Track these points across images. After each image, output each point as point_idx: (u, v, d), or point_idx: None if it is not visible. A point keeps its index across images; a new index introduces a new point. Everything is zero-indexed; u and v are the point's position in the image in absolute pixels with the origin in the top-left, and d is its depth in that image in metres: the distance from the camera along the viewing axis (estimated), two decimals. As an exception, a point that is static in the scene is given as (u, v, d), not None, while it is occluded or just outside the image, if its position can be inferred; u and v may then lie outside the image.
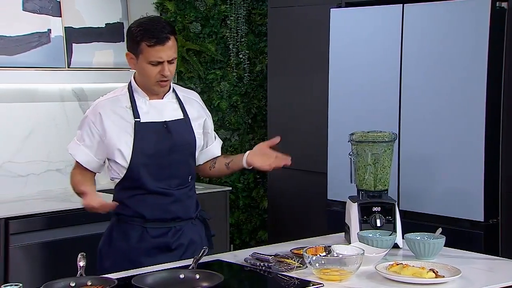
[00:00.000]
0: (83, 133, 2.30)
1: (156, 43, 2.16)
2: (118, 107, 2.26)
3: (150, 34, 2.16)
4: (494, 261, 2.27)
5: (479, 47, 2.67)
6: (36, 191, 3.57)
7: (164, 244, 2.24)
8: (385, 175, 2.38)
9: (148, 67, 2.19)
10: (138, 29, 2.19)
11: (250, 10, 3.85)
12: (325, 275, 1.94)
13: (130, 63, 2.25)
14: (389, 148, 2.38)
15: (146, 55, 2.18)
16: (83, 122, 2.31)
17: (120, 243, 2.25)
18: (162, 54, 2.17)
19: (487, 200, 2.69)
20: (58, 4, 3.62)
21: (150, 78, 2.21)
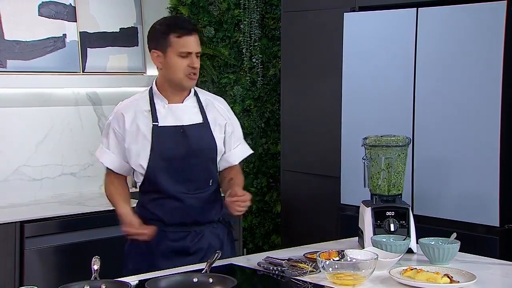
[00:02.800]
0: (109, 139, 2.32)
1: (183, 33, 2.22)
2: (138, 111, 2.29)
3: (177, 25, 2.24)
4: (509, 267, 2.25)
5: (494, 51, 2.66)
6: (50, 194, 3.60)
7: (182, 247, 2.26)
8: (399, 180, 2.37)
9: (177, 60, 2.23)
10: (164, 24, 2.27)
11: (263, 15, 3.85)
12: (338, 279, 1.94)
13: (157, 61, 2.27)
14: (402, 153, 2.37)
15: (175, 47, 2.22)
16: (107, 128, 2.34)
17: (141, 245, 2.27)
18: (190, 44, 2.24)
19: (502, 205, 2.67)
20: (73, 9, 3.65)
21: (180, 71, 2.24)
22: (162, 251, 2.24)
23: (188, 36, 2.23)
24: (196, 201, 2.26)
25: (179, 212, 2.25)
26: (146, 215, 2.29)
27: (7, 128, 3.48)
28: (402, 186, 2.38)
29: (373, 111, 3.07)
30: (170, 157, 2.24)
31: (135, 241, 2.27)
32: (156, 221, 2.26)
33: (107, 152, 2.32)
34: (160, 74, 2.29)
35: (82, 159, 3.74)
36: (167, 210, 2.26)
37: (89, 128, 3.77)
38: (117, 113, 2.32)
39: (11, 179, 3.49)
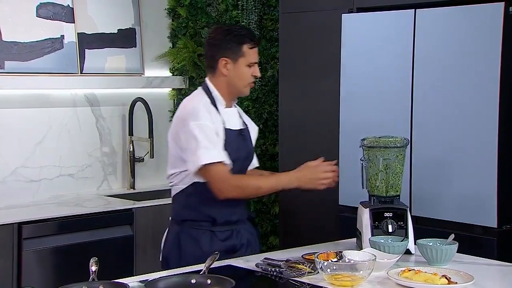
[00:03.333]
0: (211, 138, 2.26)
1: (255, 44, 2.38)
2: (213, 111, 2.34)
3: (250, 37, 2.37)
4: (507, 268, 2.25)
5: (492, 52, 2.66)
6: (48, 196, 3.59)
7: (231, 246, 2.34)
8: (396, 181, 2.37)
9: (246, 69, 2.35)
10: (237, 33, 2.35)
11: (261, 16, 3.85)
12: (336, 280, 1.94)
13: (224, 68, 2.36)
14: (401, 154, 2.36)
15: (247, 57, 2.35)
16: (203, 130, 2.26)
17: (190, 249, 2.30)
18: (257, 55, 2.39)
19: (500, 206, 2.67)
20: (71, 10, 3.65)
21: (246, 80, 2.37)
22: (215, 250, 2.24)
23: (257, 48, 2.39)
24: (240, 200, 2.37)
25: (228, 210, 2.34)
26: (193, 217, 2.33)
27: (5, 129, 3.48)
28: (400, 187, 2.38)
29: (371, 112, 3.07)
30: (234, 158, 2.32)
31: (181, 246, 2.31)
32: (204, 222, 2.32)
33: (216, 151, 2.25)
34: (221, 80, 2.37)
35: (80, 160, 3.73)
36: (218, 209, 2.32)
37: (87, 130, 3.77)
38: (203, 113, 2.28)
39: (9, 180, 3.48)
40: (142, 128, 3.90)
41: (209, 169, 2.24)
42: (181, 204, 2.37)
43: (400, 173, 2.37)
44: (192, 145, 2.25)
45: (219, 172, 2.24)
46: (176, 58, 4.02)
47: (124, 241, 3.37)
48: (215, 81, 2.38)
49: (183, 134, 2.28)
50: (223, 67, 2.35)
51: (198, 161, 2.24)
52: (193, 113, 2.28)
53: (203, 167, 2.24)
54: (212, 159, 2.24)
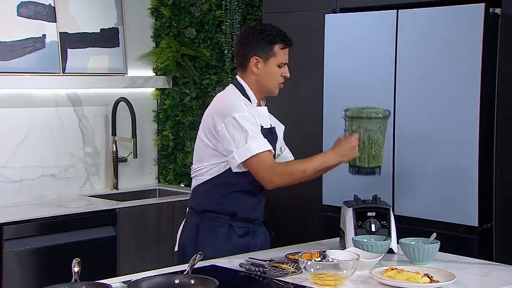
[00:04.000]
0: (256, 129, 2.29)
1: (286, 45, 2.40)
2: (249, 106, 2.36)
3: (282, 37, 2.39)
4: (488, 266, 2.28)
5: (473, 52, 2.69)
6: (30, 196, 3.56)
7: (247, 243, 2.37)
8: (379, 152, 2.33)
9: (276, 69, 2.39)
10: (269, 33, 2.37)
11: (245, 16, 3.86)
12: (320, 280, 1.95)
13: (255, 66, 2.38)
14: (383, 125, 2.34)
15: (278, 58, 2.38)
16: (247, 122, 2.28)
17: (208, 239, 2.33)
18: (287, 56, 2.41)
19: (481, 206, 2.70)
20: (52, 9, 3.62)
21: (275, 80, 2.40)
22: (231, 246, 2.32)
23: (288, 48, 2.41)
24: (261, 199, 2.42)
25: (249, 207, 2.38)
26: (214, 208, 2.35)
27: (-14, 129, 3.44)
28: (381, 158, 2.35)
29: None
30: None
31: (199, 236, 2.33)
32: (224, 215, 2.35)
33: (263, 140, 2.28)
34: (251, 78, 2.40)
35: (62, 160, 3.71)
36: (240, 204, 2.36)
37: (70, 129, 3.74)
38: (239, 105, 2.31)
39: (-10, 181, 3.45)
40: (125, 128, 3.88)
41: (259, 158, 2.26)
42: (203, 194, 2.39)
43: (382, 144, 2.34)
44: (238, 136, 2.26)
45: (267, 161, 2.27)
46: (160, 58, 4.01)
47: (107, 241, 3.35)
48: (246, 79, 2.40)
49: (224, 127, 2.28)
50: (254, 65, 2.38)
51: (249, 152, 2.26)
52: (235, 105, 2.31)
53: (253, 157, 2.26)
54: (262, 148, 2.27)
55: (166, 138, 4.11)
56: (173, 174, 4.07)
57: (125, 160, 3.92)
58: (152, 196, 3.95)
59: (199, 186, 2.40)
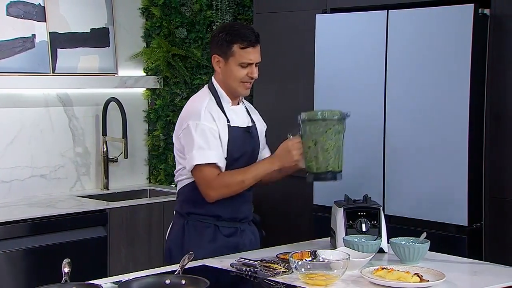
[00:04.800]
0: (208, 139, 2.27)
1: (248, 45, 2.30)
2: (216, 110, 2.33)
3: (243, 36, 2.29)
4: (478, 265, 2.29)
5: (462, 53, 2.70)
6: (20, 197, 3.55)
7: (234, 243, 2.35)
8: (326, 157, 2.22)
9: (237, 69, 2.31)
10: (229, 32, 2.30)
11: (236, 16, 3.86)
12: (311, 280, 1.95)
13: (216, 65, 2.35)
14: (329, 128, 2.22)
15: (237, 57, 2.30)
16: (201, 130, 2.27)
17: (194, 241, 2.32)
18: (252, 56, 2.30)
19: (471, 205, 2.72)
20: (42, 9, 3.61)
21: (237, 79, 2.32)
22: (216, 246, 2.31)
23: (252, 48, 2.30)
24: (247, 198, 2.40)
25: (233, 208, 2.36)
26: (198, 210, 2.34)
27: (-25, 129, 3.42)
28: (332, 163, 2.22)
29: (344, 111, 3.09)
30: (238, 156, 2.33)
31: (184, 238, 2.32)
32: (209, 216, 2.34)
33: (213, 152, 2.27)
34: (218, 77, 2.37)
35: (53, 160, 3.69)
36: (223, 206, 2.33)
37: (60, 130, 3.72)
38: (204, 113, 2.29)
39: (-21, 182, 3.43)
40: (115, 128, 3.87)
41: (200, 170, 2.27)
42: (186, 198, 2.38)
43: (331, 148, 2.21)
44: (189, 144, 2.29)
45: (207, 175, 2.27)
46: (150, 58, 4.00)
47: (97, 242, 3.34)
48: (217, 78, 2.39)
49: (182, 133, 2.33)
50: (216, 64, 2.36)
51: (191, 161, 2.28)
52: (193, 112, 2.31)
53: (195, 167, 2.27)
54: (205, 160, 2.26)
55: (157, 138, 4.10)
56: (164, 174, 4.07)
57: (116, 160, 3.91)
58: (143, 196, 3.94)
59: (182, 189, 2.40)
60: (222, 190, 2.28)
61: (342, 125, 2.26)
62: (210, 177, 2.27)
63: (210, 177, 2.27)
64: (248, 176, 2.28)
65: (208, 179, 2.27)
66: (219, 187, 2.27)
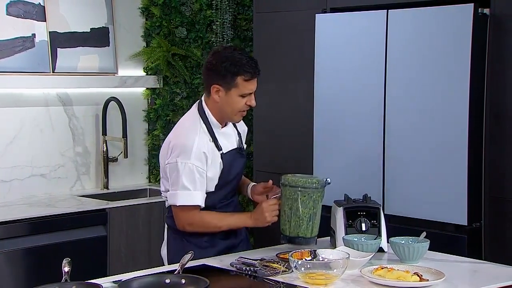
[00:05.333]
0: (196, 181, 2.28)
1: (252, 76, 2.30)
2: (206, 143, 2.32)
3: (247, 68, 2.28)
4: (477, 265, 2.29)
5: (462, 52, 2.71)
6: (19, 196, 3.55)
7: (232, 244, 2.39)
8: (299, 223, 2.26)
9: (238, 99, 2.31)
10: (234, 63, 2.27)
11: (235, 15, 3.86)
12: (310, 279, 1.95)
13: (216, 94, 2.32)
14: (304, 196, 2.24)
15: (240, 89, 2.29)
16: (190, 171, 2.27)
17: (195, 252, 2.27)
18: (253, 86, 2.32)
19: (470, 205, 2.72)
20: (42, 8, 3.61)
21: (236, 109, 2.32)
22: (215, 251, 2.33)
23: (254, 79, 2.31)
24: (235, 202, 2.47)
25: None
26: None
27: (-25, 129, 3.42)
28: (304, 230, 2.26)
29: (344, 111, 3.09)
30: (232, 178, 2.39)
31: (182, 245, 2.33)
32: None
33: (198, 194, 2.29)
34: (213, 105, 2.34)
35: (52, 160, 3.69)
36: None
37: (60, 129, 3.73)
38: (195, 151, 2.27)
39: (-21, 181, 3.43)
40: (115, 127, 3.87)
41: (182, 209, 2.30)
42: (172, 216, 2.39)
43: (302, 216, 2.25)
44: (174, 181, 2.29)
45: (189, 215, 2.31)
46: (150, 57, 4.01)
47: (97, 241, 3.35)
48: (210, 105, 2.36)
49: (169, 165, 2.31)
50: (215, 93, 2.31)
51: (174, 200, 2.30)
52: (185, 150, 2.28)
53: (177, 206, 2.31)
54: (189, 202, 2.28)
55: (156, 137, 4.10)
56: (164, 173, 4.07)
57: (116, 159, 3.91)
58: (142, 195, 3.94)
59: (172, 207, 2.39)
60: (198, 228, 2.34)
61: (320, 193, 2.29)
62: (192, 217, 2.32)
63: (192, 217, 2.32)
64: (225, 224, 2.35)
65: (189, 219, 2.32)
66: (197, 226, 2.33)
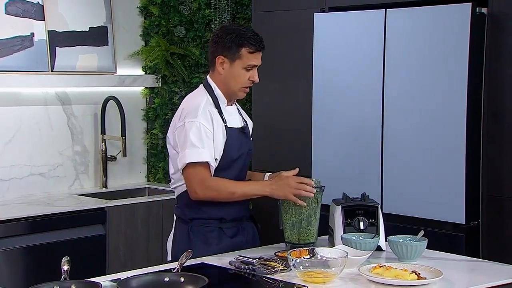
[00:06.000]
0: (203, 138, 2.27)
1: (256, 49, 2.32)
2: (214, 111, 2.33)
3: (253, 41, 2.31)
4: (475, 263, 2.30)
5: (460, 51, 2.71)
6: (18, 195, 3.55)
7: (240, 242, 2.37)
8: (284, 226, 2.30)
9: (242, 72, 2.32)
10: (239, 35, 2.30)
11: (234, 15, 3.86)
12: (309, 277, 1.96)
13: (220, 66, 2.34)
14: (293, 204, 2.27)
15: (244, 60, 2.31)
16: (197, 128, 2.27)
17: (201, 247, 2.30)
18: (258, 60, 2.34)
19: (468, 203, 2.73)
20: (41, 7, 3.61)
21: (240, 82, 2.34)
22: (224, 250, 2.30)
23: (259, 52, 2.33)
24: None
25: (236, 208, 2.37)
26: (201, 215, 2.34)
27: (-26, 128, 3.42)
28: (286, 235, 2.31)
29: (343, 110, 3.10)
30: (237, 157, 2.35)
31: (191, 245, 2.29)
32: (213, 220, 2.34)
33: (206, 152, 2.26)
34: (218, 78, 2.36)
35: (51, 159, 3.69)
36: (226, 208, 2.34)
37: (59, 128, 3.73)
38: (203, 111, 2.29)
39: (-22, 180, 3.43)
40: (114, 126, 3.87)
41: (193, 167, 2.26)
42: (187, 204, 2.36)
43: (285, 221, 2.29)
44: (182, 141, 2.28)
45: (199, 173, 2.26)
46: (149, 56, 4.01)
47: (96, 240, 3.35)
48: (215, 79, 2.38)
49: (178, 128, 2.32)
50: (220, 65, 2.34)
51: (184, 159, 2.27)
52: (191, 110, 2.30)
53: (187, 165, 2.26)
54: (198, 158, 2.26)
55: (155, 136, 4.11)
56: (163, 172, 4.07)
57: (115, 158, 3.91)
58: (141, 194, 3.94)
59: (181, 194, 2.38)
60: (211, 193, 2.28)
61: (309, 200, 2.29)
62: (204, 176, 2.26)
63: (203, 176, 2.26)
64: (240, 191, 2.30)
65: (201, 178, 2.26)
66: (210, 189, 2.27)
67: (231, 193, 2.29)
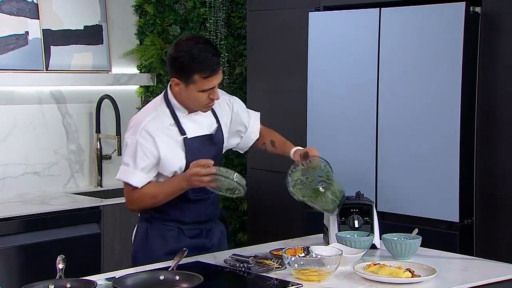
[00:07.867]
0: (136, 158, 2.23)
1: (210, 74, 2.17)
2: (163, 126, 2.25)
3: (204, 66, 2.16)
4: (469, 261, 2.31)
5: (454, 50, 2.72)
6: (13, 194, 3.54)
7: (201, 244, 2.33)
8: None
9: (199, 94, 2.21)
10: (190, 59, 2.16)
11: (229, 13, 3.86)
12: (303, 275, 1.97)
13: (175, 87, 2.24)
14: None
15: (199, 85, 2.19)
16: (133, 147, 2.24)
17: (158, 245, 2.29)
18: (214, 81, 2.20)
19: (462, 202, 2.74)
20: (35, 6, 3.60)
21: (199, 103, 2.24)
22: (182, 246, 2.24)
23: (213, 76, 2.18)
24: (210, 201, 2.35)
25: (197, 212, 2.33)
26: (162, 216, 2.32)
27: (-32, 126, 3.42)
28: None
29: (337, 109, 3.11)
30: None
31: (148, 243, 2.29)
32: (173, 221, 2.32)
33: (137, 173, 2.24)
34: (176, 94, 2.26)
35: (46, 158, 3.69)
36: (187, 212, 2.31)
37: (53, 127, 3.72)
38: (144, 133, 2.23)
39: (-27, 179, 3.42)
40: (109, 125, 3.87)
41: (124, 186, 2.29)
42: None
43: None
44: (122, 156, 2.30)
45: (126, 190, 2.29)
46: (144, 55, 4.01)
47: (91, 238, 3.35)
48: (174, 93, 2.28)
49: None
50: (175, 86, 2.23)
51: (118, 173, 2.30)
52: (134, 125, 2.27)
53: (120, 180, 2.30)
54: (125, 178, 2.26)
55: (150, 135, 4.10)
56: (158, 171, 4.07)
57: (109, 157, 3.91)
58: (136, 193, 3.93)
59: None
60: (138, 204, 2.29)
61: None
62: (131, 196, 2.29)
63: (131, 195, 2.29)
64: (160, 194, 2.25)
65: (128, 197, 2.29)
66: (135, 202, 2.28)
67: (153, 197, 2.26)
